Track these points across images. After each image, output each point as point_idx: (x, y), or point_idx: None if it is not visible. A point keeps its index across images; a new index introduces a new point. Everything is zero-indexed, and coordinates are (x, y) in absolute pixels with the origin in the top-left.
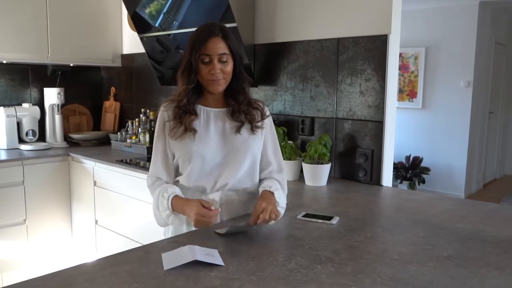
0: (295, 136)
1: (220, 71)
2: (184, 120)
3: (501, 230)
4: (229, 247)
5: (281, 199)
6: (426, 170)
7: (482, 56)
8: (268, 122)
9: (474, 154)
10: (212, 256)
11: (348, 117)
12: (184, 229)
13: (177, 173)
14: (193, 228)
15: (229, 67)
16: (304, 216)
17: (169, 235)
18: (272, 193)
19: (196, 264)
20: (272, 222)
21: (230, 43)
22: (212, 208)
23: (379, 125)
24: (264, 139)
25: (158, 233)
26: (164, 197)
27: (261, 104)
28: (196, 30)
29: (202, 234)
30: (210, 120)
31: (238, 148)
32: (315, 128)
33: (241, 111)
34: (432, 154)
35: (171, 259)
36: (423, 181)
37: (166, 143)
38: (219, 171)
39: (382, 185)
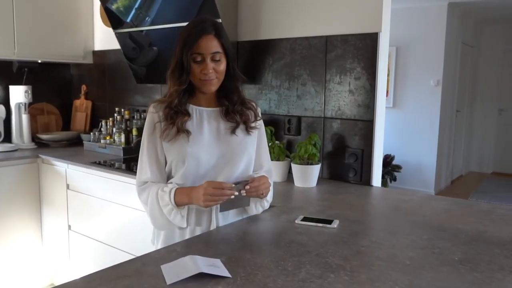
0: (281, 136)
1: (213, 70)
2: (176, 121)
3: (502, 230)
4: (231, 255)
5: (269, 194)
6: (398, 168)
7: (450, 56)
8: (261, 124)
9: (443, 152)
10: (217, 267)
11: (337, 116)
12: (177, 237)
13: (168, 178)
14: (187, 236)
15: (222, 66)
16: (303, 220)
17: (159, 242)
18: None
19: (200, 276)
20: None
21: (223, 41)
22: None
23: (369, 124)
24: (257, 141)
25: (138, 238)
26: (165, 191)
27: (254, 104)
28: (186, 26)
29: (199, 241)
30: (203, 120)
31: (234, 149)
32: (301, 128)
33: (235, 111)
34: (403, 152)
35: (172, 272)
36: (395, 179)
37: (158, 146)
38: (214, 174)
39: (372, 185)
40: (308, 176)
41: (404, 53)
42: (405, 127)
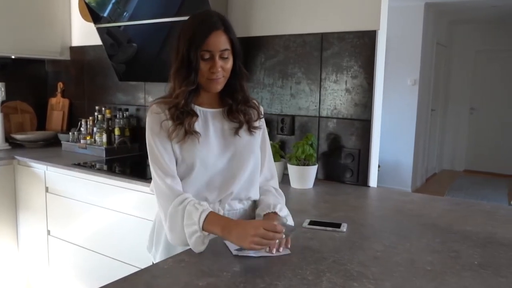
0: (273, 135)
1: (221, 68)
2: (184, 121)
3: (511, 231)
4: (244, 264)
5: (283, 211)
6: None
7: (426, 56)
8: (263, 123)
9: (419, 150)
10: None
11: (333, 115)
12: (179, 248)
13: None
14: (188, 247)
15: (230, 63)
16: (310, 224)
17: (159, 251)
18: (276, 213)
19: None
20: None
21: (232, 37)
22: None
23: (367, 124)
24: (261, 141)
25: (123, 242)
26: (197, 209)
27: (256, 103)
28: (191, 21)
29: (207, 250)
30: (209, 122)
31: (242, 152)
32: (295, 128)
33: (239, 110)
34: (381, 151)
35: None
36: None
37: (171, 144)
38: (222, 178)
39: (369, 186)
40: (305, 177)
41: None
42: (383, 126)
